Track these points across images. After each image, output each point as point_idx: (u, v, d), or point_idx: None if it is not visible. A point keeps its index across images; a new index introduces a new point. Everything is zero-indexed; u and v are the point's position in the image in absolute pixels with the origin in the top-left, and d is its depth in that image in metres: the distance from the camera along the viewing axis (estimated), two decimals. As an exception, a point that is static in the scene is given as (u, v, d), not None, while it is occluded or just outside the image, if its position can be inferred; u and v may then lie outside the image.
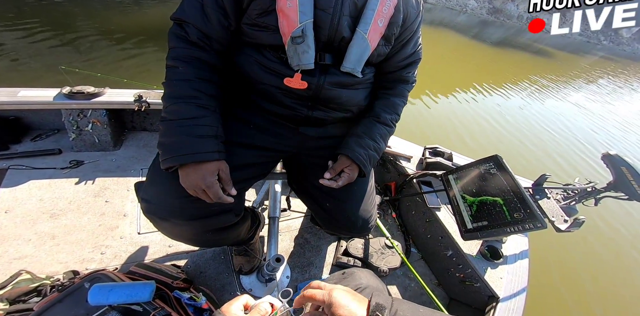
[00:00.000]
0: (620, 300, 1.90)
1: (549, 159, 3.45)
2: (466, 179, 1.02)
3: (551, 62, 10.23)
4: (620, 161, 1.07)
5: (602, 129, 4.80)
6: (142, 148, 1.52)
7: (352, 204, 0.81)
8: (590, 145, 4.03)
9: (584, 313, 1.76)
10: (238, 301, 0.44)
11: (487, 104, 4.60)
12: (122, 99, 1.36)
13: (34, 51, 3.30)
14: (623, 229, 2.53)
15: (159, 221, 0.63)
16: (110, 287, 0.64)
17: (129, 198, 1.26)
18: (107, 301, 0.64)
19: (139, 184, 0.69)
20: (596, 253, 2.21)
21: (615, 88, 7.93)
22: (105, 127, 1.40)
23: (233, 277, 1.05)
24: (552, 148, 3.71)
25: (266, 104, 0.71)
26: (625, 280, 2.05)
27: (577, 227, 1.03)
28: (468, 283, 1.11)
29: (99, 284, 0.65)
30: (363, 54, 0.66)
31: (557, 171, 3.16)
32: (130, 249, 1.07)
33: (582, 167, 3.46)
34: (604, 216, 2.54)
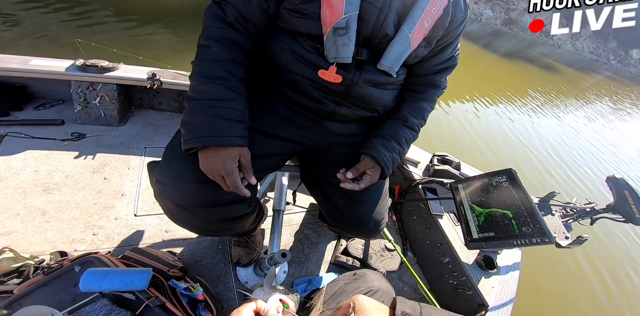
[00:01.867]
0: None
1: (549, 176, 3.48)
2: (476, 190, 0.99)
3: (557, 79, 10.28)
4: (624, 185, 1.06)
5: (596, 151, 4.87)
6: (147, 126, 1.43)
7: (366, 205, 0.76)
8: (583, 166, 4.08)
9: None
10: (248, 307, 0.40)
11: (492, 116, 4.60)
12: (135, 75, 1.29)
13: (50, 24, 3.14)
14: (615, 250, 2.56)
15: (170, 205, 0.57)
16: (106, 273, 0.56)
17: (129, 176, 1.16)
18: (99, 288, 0.56)
19: (152, 165, 0.62)
20: (582, 271, 2.22)
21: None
22: (113, 102, 1.31)
23: (229, 268, 0.98)
24: (554, 167, 3.74)
25: (293, 94, 0.65)
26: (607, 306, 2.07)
27: (577, 244, 1.02)
28: (460, 290, 1.08)
29: (93, 269, 0.57)
30: (402, 54, 0.61)
31: (552, 188, 3.18)
32: (124, 231, 0.98)
33: (577, 187, 3.50)
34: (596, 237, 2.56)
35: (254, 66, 0.63)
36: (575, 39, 19.72)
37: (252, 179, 0.55)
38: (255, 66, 0.64)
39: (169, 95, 1.50)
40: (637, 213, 1.01)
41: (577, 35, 19.48)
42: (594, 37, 20.61)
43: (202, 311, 0.78)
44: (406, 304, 0.37)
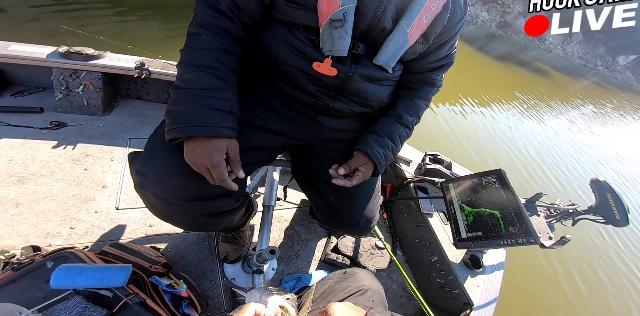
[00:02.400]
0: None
1: (528, 176, 3.56)
2: (466, 190, 0.99)
3: (547, 83, 10.46)
4: (607, 187, 1.09)
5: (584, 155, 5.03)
6: (133, 117, 1.37)
7: (358, 202, 0.74)
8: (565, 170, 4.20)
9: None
10: (246, 313, 0.38)
11: (479, 117, 4.68)
12: (123, 64, 1.24)
13: (35, 10, 2.97)
14: (593, 252, 2.65)
15: (152, 198, 0.54)
16: (80, 269, 0.53)
17: (112, 168, 1.11)
18: (72, 284, 0.53)
19: (133, 155, 0.59)
20: (562, 272, 2.29)
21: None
22: (97, 91, 1.26)
23: (216, 264, 0.95)
24: (533, 167, 3.83)
25: (286, 87, 0.63)
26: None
27: (561, 245, 1.04)
28: (447, 288, 1.09)
29: (66, 264, 0.53)
30: (400, 50, 0.59)
31: (530, 187, 3.26)
32: (104, 225, 0.94)
33: (562, 189, 3.60)
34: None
35: (247, 57, 0.61)
36: (566, 43, 20.17)
37: (240, 172, 0.53)
38: (248, 57, 0.62)
39: (158, 85, 1.44)
40: (617, 215, 1.04)
41: (568, 40, 19.90)
42: (584, 43, 21.12)
43: (186, 309, 0.75)
44: (377, 313, 0.36)
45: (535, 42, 18.97)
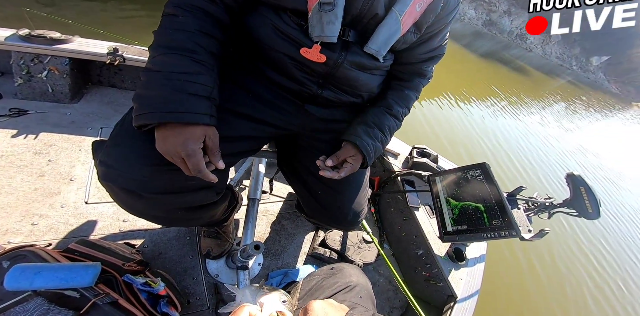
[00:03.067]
0: None
1: (513, 172, 3.71)
2: (452, 183, 1.00)
3: (526, 80, 10.89)
4: (581, 181, 1.12)
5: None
6: (106, 105, 1.27)
7: (346, 195, 0.73)
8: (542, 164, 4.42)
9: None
10: None
11: (458, 112, 4.82)
12: (93, 49, 1.15)
13: None
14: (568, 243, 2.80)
15: (119, 191, 0.49)
16: (38, 269, 0.48)
17: (80, 159, 1.03)
18: (30, 286, 0.48)
19: (97, 144, 0.54)
20: (538, 264, 2.41)
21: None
22: (64, 77, 1.16)
23: (198, 261, 0.91)
24: (503, 159, 4.00)
25: (273, 74, 0.59)
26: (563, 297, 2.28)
27: (539, 237, 1.07)
28: (432, 281, 1.11)
29: (22, 264, 0.48)
30: (391, 37, 0.57)
31: (500, 180, 3.41)
32: (72, 221, 0.86)
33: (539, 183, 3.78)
34: None
35: (229, 41, 0.57)
36: (545, 43, 21.08)
37: (220, 163, 0.49)
38: (230, 41, 0.58)
39: (134, 73, 1.35)
40: (589, 208, 1.07)
41: (547, 40, 20.77)
42: (562, 43, 22.19)
43: (165, 307, 0.71)
44: (358, 312, 0.35)
45: (517, 41, 19.65)
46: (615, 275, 2.77)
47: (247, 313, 0.36)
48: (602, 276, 2.63)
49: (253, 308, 0.38)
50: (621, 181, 5.29)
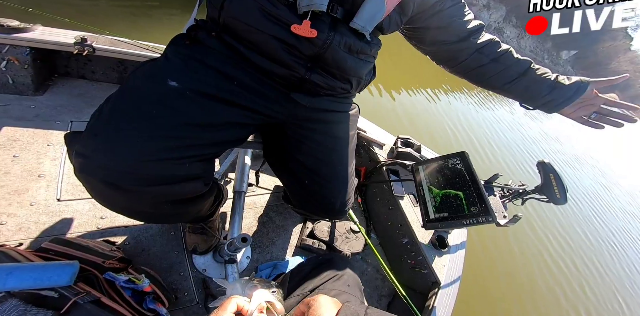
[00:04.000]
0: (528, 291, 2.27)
1: (491, 160, 3.90)
2: (434, 172, 1.03)
3: None
4: (551, 168, 1.19)
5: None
6: (75, 97, 1.19)
7: (334, 184, 0.73)
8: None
9: (499, 296, 2.06)
10: (227, 310, 0.34)
11: (443, 104, 4.99)
12: (58, 39, 1.07)
13: None
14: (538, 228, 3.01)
15: (98, 185, 0.46)
16: (9, 269, 0.45)
17: (49, 154, 0.96)
18: (3, 286, 0.45)
19: (72, 136, 0.50)
20: (513, 249, 2.58)
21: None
22: (25, 68, 1.07)
23: (184, 256, 0.89)
24: (496, 151, 4.21)
25: (258, 59, 0.58)
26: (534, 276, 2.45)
27: (513, 223, 1.13)
28: (417, 269, 1.14)
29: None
30: (376, 15, 0.57)
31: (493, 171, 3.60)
32: (43, 220, 0.82)
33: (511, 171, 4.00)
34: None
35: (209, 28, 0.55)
36: (521, 37, 21.95)
37: None
38: (209, 28, 0.56)
39: (106, 63, 1.27)
40: (558, 194, 1.14)
41: (522, 34, 21.62)
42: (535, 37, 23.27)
43: (151, 304, 0.70)
44: (348, 311, 0.36)
45: (495, 34, 20.51)
46: (571, 253, 3.04)
47: (235, 305, 0.36)
48: (554, 256, 2.85)
49: (241, 300, 0.37)
50: (578, 164, 5.78)
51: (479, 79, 0.79)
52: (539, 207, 3.24)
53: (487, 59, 0.75)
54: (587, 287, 2.72)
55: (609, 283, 3.00)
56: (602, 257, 3.37)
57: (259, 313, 0.37)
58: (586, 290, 2.68)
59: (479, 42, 0.74)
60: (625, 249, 3.94)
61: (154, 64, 0.56)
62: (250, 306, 0.37)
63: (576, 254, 3.09)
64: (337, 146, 0.74)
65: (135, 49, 1.17)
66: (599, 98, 0.70)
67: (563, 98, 0.71)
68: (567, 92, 0.71)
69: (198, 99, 0.53)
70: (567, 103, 0.71)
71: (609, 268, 3.25)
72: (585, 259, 3.11)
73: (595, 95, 0.71)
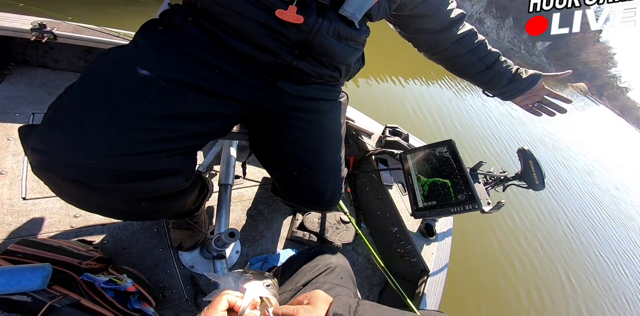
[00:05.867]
0: None
1: (480, 148, 4.04)
2: (422, 160, 1.04)
3: None
4: (530, 155, 1.23)
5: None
6: (36, 87, 1.09)
7: (323, 174, 0.72)
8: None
9: (481, 282, 2.17)
10: (218, 308, 0.33)
11: (432, 93, 5.09)
12: (11, 25, 0.97)
13: None
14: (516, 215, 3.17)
15: (62, 183, 0.42)
16: (-31, 274, 0.41)
17: (10, 150, 0.89)
18: (-37, 294, 0.41)
19: (27, 130, 0.44)
20: (494, 232, 2.71)
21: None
22: None
23: (169, 253, 0.86)
24: (486, 141, 4.37)
25: (240, 45, 0.54)
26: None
27: (497, 209, 1.17)
28: (407, 258, 1.17)
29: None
30: (366, 1, 0.56)
31: (476, 159, 3.75)
32: (9, 220, 0.76)
33: (494, 158, 4.17)
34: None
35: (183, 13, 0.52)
36: (500, 28, 22.66)
37: None
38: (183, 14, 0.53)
39: (71, 51, 1.17)
40: (537, 180, 1.19)
41: (501, 25, 22.31)
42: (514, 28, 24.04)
43: (136, 304, 0.67)
44: (340, 303, 0.36)
45: (476, 24, 21.13)
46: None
47: (226, 302, 0.34)
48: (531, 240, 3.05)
49: (232, 296, 0.36)
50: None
51: (455, 67, 0.85)
52: (518, 193, 3.43)
53: (464, 50, 0.79)
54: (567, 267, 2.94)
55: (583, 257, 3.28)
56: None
57: (252, 308, 0.36)
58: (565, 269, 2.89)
59: (459, 33, 0.77)
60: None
61: (120, 51, 0.51)
62: (243, 302, 0.35)
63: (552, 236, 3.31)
64: (326, 136, 0.73)
65: (103, 36, 1.08)
66: (544, 90, 0.82)
67: (517, 90, 0.82)
68: (521, 84, 0.81)
69: (173, 89, 0.49)
70: (519, 94, 0.83)
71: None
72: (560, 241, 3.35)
73: (542, 87, 0.81)
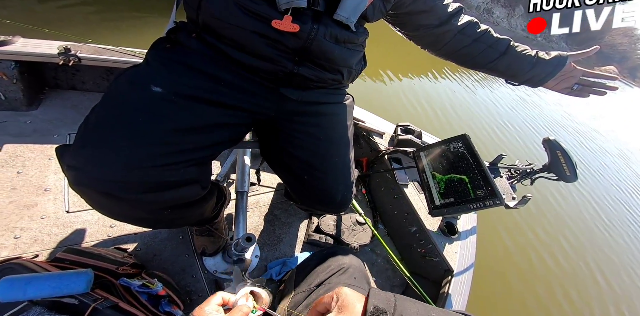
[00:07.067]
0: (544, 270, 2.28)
1: (492, 140, 3.87)
2: (436, 157, 1.03)
3: None
4: (557, 145, 1.17)
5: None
6: (69, 109, 1.23)
7: (333, 176, 0.75)
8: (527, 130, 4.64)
9: (512, 281, 2.08)
10: (211, 302, 0.37)
11: (442, 88, 4.94)
12: (41, 50, 1.08)
13: None
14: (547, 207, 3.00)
15: (95, 195, 0.49)
16: (27, 279, 0.49)
17: (52, 168, 1.01)
18: (24, 296, 0.49)
19: (62, 149, 0.52)
20: (522, 229, 2.58)
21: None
22: (14, 83, 1.10)
23: (194, 259, 0.94)
24: (503, 132, 4.17)
25: (242, 56, 0.59)
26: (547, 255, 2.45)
27: (523, 204, 1.12)
28: (428, 257, 1.16)
29: (11, 276, 0.49)
30: (359, 4, 0.58)
31: (499, 152, 3.55)
32: (55, 231, 0.87)
33: (516, 149, 3.95)
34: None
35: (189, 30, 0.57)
36: (510, 17, 21.70)
37: None
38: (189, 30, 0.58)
39: (94, 73, 1.29)
40: (567, 171, 1.11)
41: (512, 14, 21.35)
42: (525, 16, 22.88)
43: (167, 307, 0.74)
44: (379, 297, 0.35)
45: (485, 15, 20.19)
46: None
47: (220, 298, 0.39)
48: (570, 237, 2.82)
49: (227, 294, 0.40)
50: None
51: (464, 59, 0.83)
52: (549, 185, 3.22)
53: (469, 40, 0.78)
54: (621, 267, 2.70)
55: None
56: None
57: (245, 301, 0.40)
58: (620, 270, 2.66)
59: (460, 24, 0.77)
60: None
61: (135, 71, 0.57)
62: (236, 296, 0.41)
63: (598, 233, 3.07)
64: (333, 138, 0.75)
65: (121, 56, 1.18)
66: (578, 70, 0.78)
67: (545, 73, 0.78)
68: (547, 67, 0.77)
69: (184, 103, 0.54)
70: (549, 77, 0.78)
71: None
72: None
73: (573, 68, 0.77)
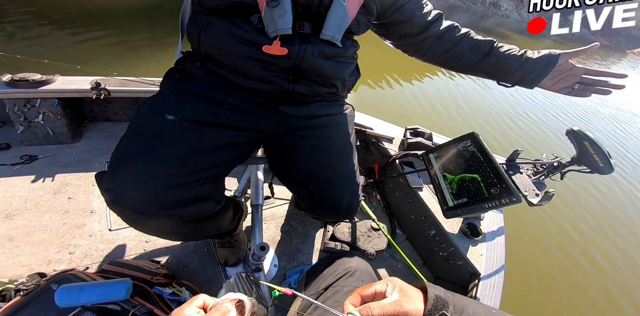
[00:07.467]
0: (591, 266, 2.09)
1: (515, 136, 3.67)
2: (446, 158, 1.02)
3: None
4: (583, 136, 1.09)
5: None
6: (106, 139, 1.41)
7: (337, 184, 0.79)
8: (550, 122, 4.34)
9: (558, 286, 1.91)
10: (192, 304, 0.38)
11: (450, 86, 4.82)
12: (77, 86, 1.23)
13: None
14: (584, 201, 2.76)
15: (129, 213, 0.58)
16: (80, 287, 0.59)
17: (95, 193, 1.17)
18: (77, 302, 0.59)
19: (100, 175, 0.62)
20: (563, 227, 2.39)
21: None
22: (59, 118, 1.27)
23: (219, 269, 1.02)
24: (519, 126, 3.96)
25: (240, 79, 0.66)
26: (593, 249, 2.25)
27: (547, 200, 1.06)
28: (451, 261, 1.13)
29: (67, 285, 0.59)
30: (342, 22, 0.63)
31: (525, 147, 3.35)
32: (101, 247, 1.00)
33: (545, 142, 3.71)
34: (567, 191, 2.74)
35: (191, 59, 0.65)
36: (520, 8, 20.70)
37: None
38: (191, 59, 0.66)
39: (123, 104, 1.45)
40: (599, 162, 1.02)
41: (521, 5, 20.36)
42: (536, 7, 21.96)
43: (195, 314, 0.82)
44: (437, 288, 0.37)
45: (492, 9, 19.45)
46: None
47: (202, 301, 0.39)
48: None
49: (209, 298, 0.41)
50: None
51: (451, 63, 0.84)
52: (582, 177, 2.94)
53: (449, 44, 0.79)
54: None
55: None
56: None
57: (229, 302, 0.40)
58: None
59: (439, 30, 0.79)
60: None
61: (152, 101, 0.66)
62: (218, 300, 0.40)
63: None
64: (334, 148, 0.80)
65: (144, 86, 1.33)
66: (578, 69, 0.73)
67: (536, 72, 0.75)
68: (538, 65, 0.74)
69: (194, 128, 0.63)
70: (542, 76, 0.74)
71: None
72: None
73: (572, 66, 0.73)
